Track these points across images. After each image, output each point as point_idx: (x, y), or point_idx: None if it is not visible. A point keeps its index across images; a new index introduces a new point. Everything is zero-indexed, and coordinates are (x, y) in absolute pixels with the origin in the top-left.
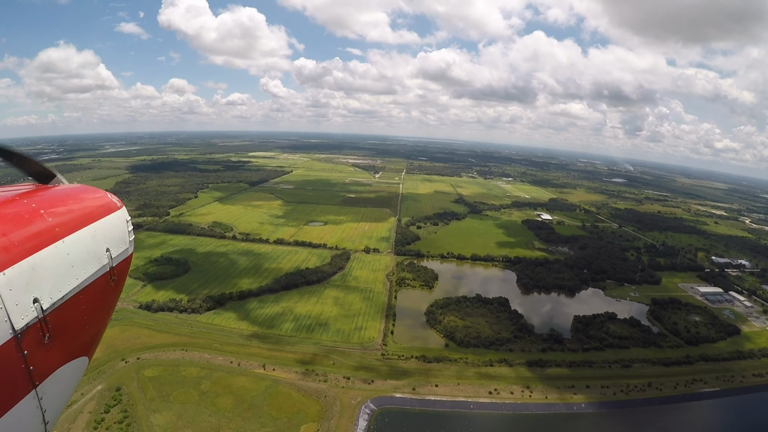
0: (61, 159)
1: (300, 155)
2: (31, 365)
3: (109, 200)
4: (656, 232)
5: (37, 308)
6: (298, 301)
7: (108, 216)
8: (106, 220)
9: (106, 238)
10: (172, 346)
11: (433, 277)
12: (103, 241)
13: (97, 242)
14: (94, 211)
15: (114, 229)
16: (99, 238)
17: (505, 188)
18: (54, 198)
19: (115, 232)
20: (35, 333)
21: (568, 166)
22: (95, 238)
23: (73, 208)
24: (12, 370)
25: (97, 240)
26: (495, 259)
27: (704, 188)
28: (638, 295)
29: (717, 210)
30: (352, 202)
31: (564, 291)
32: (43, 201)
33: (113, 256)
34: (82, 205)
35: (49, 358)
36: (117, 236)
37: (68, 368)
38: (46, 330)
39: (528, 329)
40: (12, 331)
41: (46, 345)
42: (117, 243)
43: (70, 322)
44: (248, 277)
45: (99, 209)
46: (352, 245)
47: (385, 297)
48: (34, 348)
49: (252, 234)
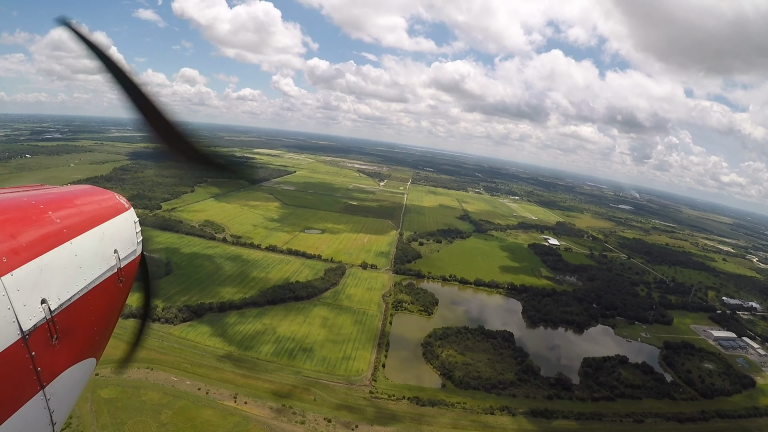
0: (63, 140)
1: (305, 156)
2: (38, 366)
3: (117, 201)
4: (665, 267)
5: (45, 309)
6: (282, 318)
7: (116, 217)
8: (114, 222)
9: (114, 240)
10: (137, 362)
11: (433, 301)
12: (111, 243)
13: (105, 244)
14: (102, 213)
15: (122, 231)
16: (107, 239)
17: (511, 207)
18: (62, 199)
19: (123, 234)
20: (43, 334)
21: (574, 189)
22: (103, 239)
23: (81, 209)
24: (20, 371)
25: (105, 241)
26: (500, 285)
27: (710, 221)
28: (650, 336)
29: (724, 246)
30: (354, 210)
31: (572, 327)
32: (51, 202)
33: (121, 258)
34: (90, 206)
35: (57, 359)
36: (125, 237)
37: (76, 369)
38: (53, 331)
39: (533, 371)
40: (20, 332)
41: (53, 346)
42: (125, 244)
43: (78, 324)
44: (232, 286)
45: (107, 210)
46: (348, 258)
47: (379, 321)
48: (42, 349)
49: (244, 237)
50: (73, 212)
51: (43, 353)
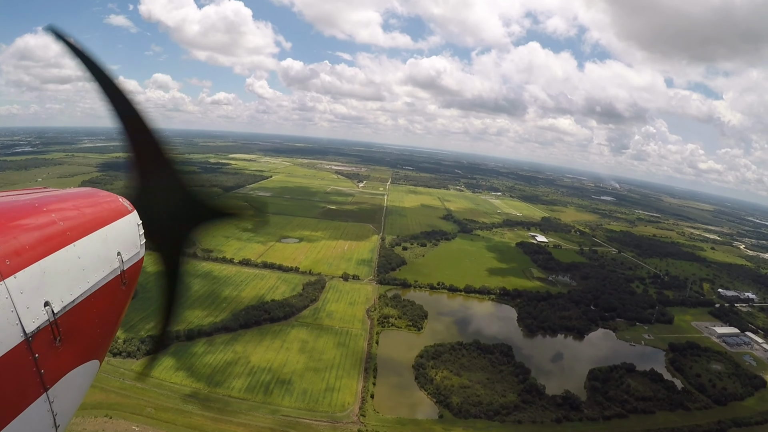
0: (34, 153)
1: (282, 159)
2: (42, 368)
3: (120, 204)
4: (657, 259)
5: (48, 312)
6: (257, 345)
7: (119, 220)
8: (117, 224)
9: (117, 242)
10: (95, 408)
11: (422, 314)
12: (114, 245)
13: (108, 246)
14: (105, 215)
15: (125, 233)
16: (110, 241)
17: (494, 204)
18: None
19: (127, 236)
20: (46, 336)
21: (555, 182)
22: (106, 241)
23: (84, 212)
24: (23, 374)
25: (108, 244)
26: (492, 291)
27: (691, 209)
28: (653, 337)
29: (710, 234)
30: (332, 215)
31: (572, 333)
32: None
33: (124, 260)
34: (93, 209)
35: (60, 361)
36: (128, 240)
37: (79, 371)
38: (57, 333)
39: (538, 390)
40: (23, 335)
41: (56, 348)
42: (128, 247)
43: (81, 326)
44: (201, 309)
45: (110, 213)
46: (328, 269)
47: (364, 341)
48: (45, 351)
49: (215, 251)
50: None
51: (47, 355)
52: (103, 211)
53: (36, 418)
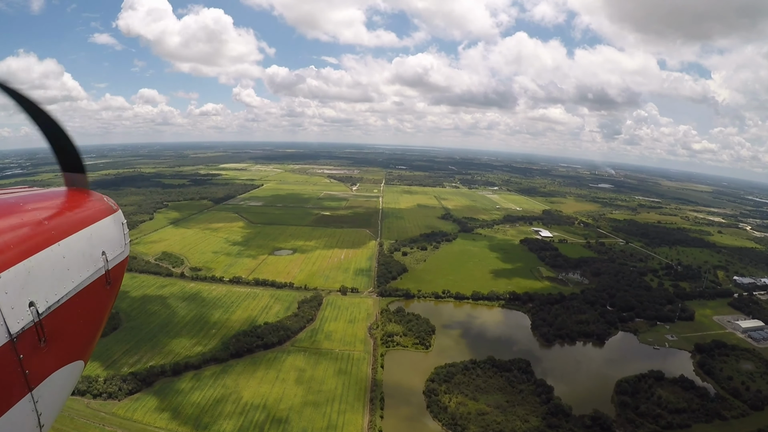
0: (23, 174)
1: (273, 166)
2: (26, 369)
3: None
4: (666, 248)
5: (33, 312)
6: (249, 377)
7: (104, 219)
8: (101, 223)
9: (102, 241)
10: None
11: (429, 329)
12: (99, 245)
13: (92, 245)
14: (90, 214)
15: (110, 232)
16: (95, 241)
17: (492, 199)
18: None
19: (111, 235)
20: (31, 337)
21: (550, 172)
22: (91, 241)
23: (68, 211)
24: (7, 374)
25: (93, 243)
26: (501, 296)
27: (690, 191)
28: (676, 338)
29: (713, 216)
30: (327, 222)
31: (591, 339)
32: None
33: (109, 260)
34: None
35: (45, 362)
36: (113, 239)
37: (64, 372)
38: (41, 334)
39: (563, 410)
40: (8, 335)
41: (41, 349)
42: (113, 246)
43: (66, 326)
44: (189, 337)
45: (95, 212)
46: (324, 283)
47: (367, 366)
48: (30, 352)
49: (204, 269)
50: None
51: (31, 356)
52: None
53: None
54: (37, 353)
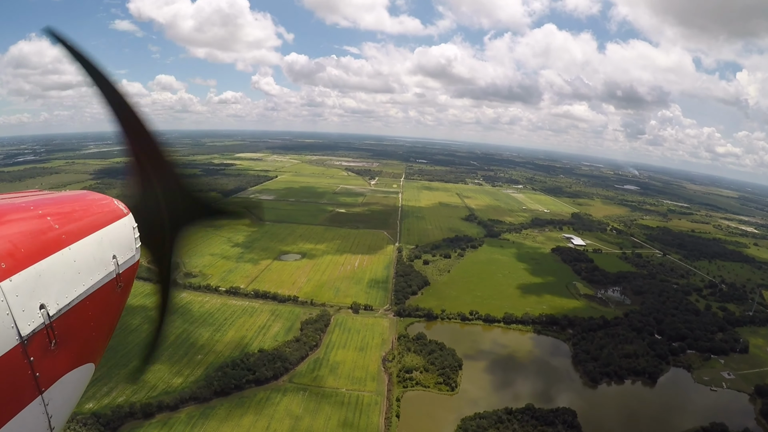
0: (35, 162)
1: (290, 157)
2: (37, 371)
3: (116, 207)
4: (705, 262)
5: (44, 314)
6: (234, 426)
7: (115, 223)
8: (112, 227)
9: (112, 245)
10: None
11: (455, 364)
12: (110, 248)
13: (103, 249)
14: (100, 218)
15: (120, 236)
16: (105, 244)
17: (518, 199)
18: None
19: (122, 239)
20: (41, 339)
21: (573, 170)
22: (102, 244)
23: (79, 214)
24: (18, 377)
25: (103, 247)
26: (536, 321)
27: (716, 196)
28: (734, 376)
29: (746, 226)
30: (341, 220)
31: (641, 378)
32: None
33: (120, 263)
34: (88, 211)
35: (56, 364)
36: (124, 243)
37: (74, 375)
38: (52, 336)
39: None
40: (18, 338)
41: (52, 351)
42: (123, 250)
43: (77, 329)
44: (170, 363)
45: (105, 216)
46: (334, 297)
47: (380, 416)
48: (41, 354)
49: (200, 274)
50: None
51: (42, 358)
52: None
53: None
54: (48, 356)
